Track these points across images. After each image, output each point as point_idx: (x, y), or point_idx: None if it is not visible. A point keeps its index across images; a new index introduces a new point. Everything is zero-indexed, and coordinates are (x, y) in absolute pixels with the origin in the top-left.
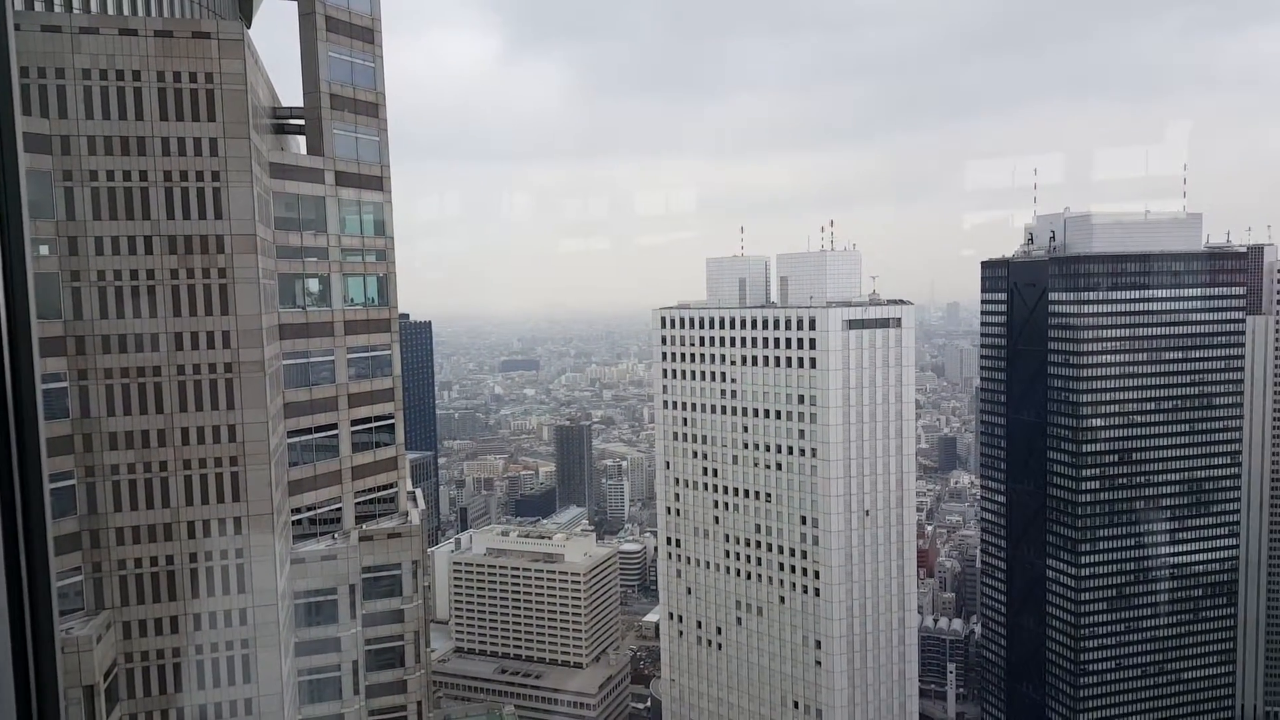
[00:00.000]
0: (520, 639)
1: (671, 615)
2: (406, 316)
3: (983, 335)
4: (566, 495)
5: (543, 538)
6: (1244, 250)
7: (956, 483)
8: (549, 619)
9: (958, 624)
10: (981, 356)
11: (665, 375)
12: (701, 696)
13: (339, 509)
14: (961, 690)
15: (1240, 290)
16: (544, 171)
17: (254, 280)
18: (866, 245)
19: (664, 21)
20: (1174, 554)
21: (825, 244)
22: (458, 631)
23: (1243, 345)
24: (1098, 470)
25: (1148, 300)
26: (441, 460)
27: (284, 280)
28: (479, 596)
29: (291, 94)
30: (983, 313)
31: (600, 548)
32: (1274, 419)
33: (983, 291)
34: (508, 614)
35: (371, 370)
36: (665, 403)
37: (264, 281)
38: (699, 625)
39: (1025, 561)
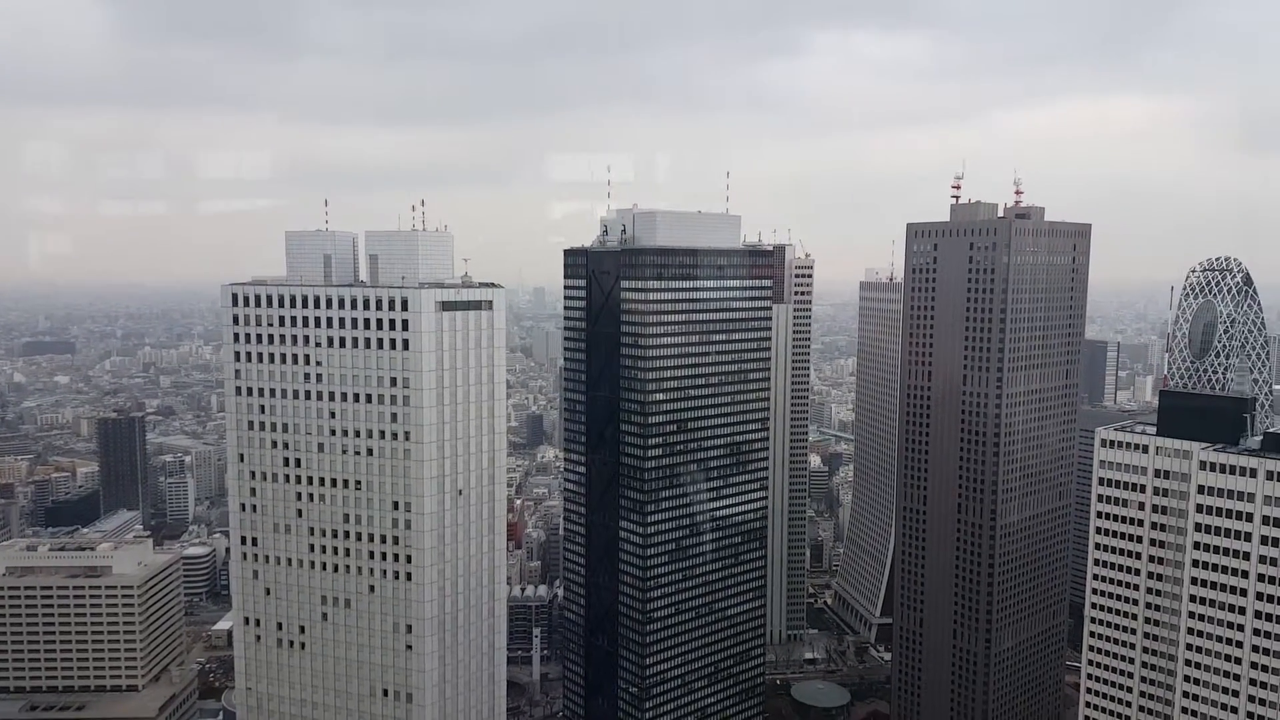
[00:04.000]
0: (57, 668)
1: (247, 620)
2: None
3: (565, 319)
4: (115, 498)
5: (83, 549)
6: (771, 249)
7: (543, 457)
8: (94, 641)
9: (543, 590)
10: (565, 338)
11: (238, 359)
12: (283, 701)
13: None
14: (546, 652)
15: (768, 282)
16: (77, 120)
17: None
18: (458, 227)
19: None
20: (719, 508)
21: (416, 224)
22: None
23: (769, 329)
24: (660, 439)
25: (699, 290)
26: None
27: None
28: None
29: None
30: (565, 298)
31: (159, 554)
32: (792, 390)
33: (565, 278)
34: (38, 642)
35: None
36: (238, 389)
37: None
38: (280, 626)
39: (601, 525)
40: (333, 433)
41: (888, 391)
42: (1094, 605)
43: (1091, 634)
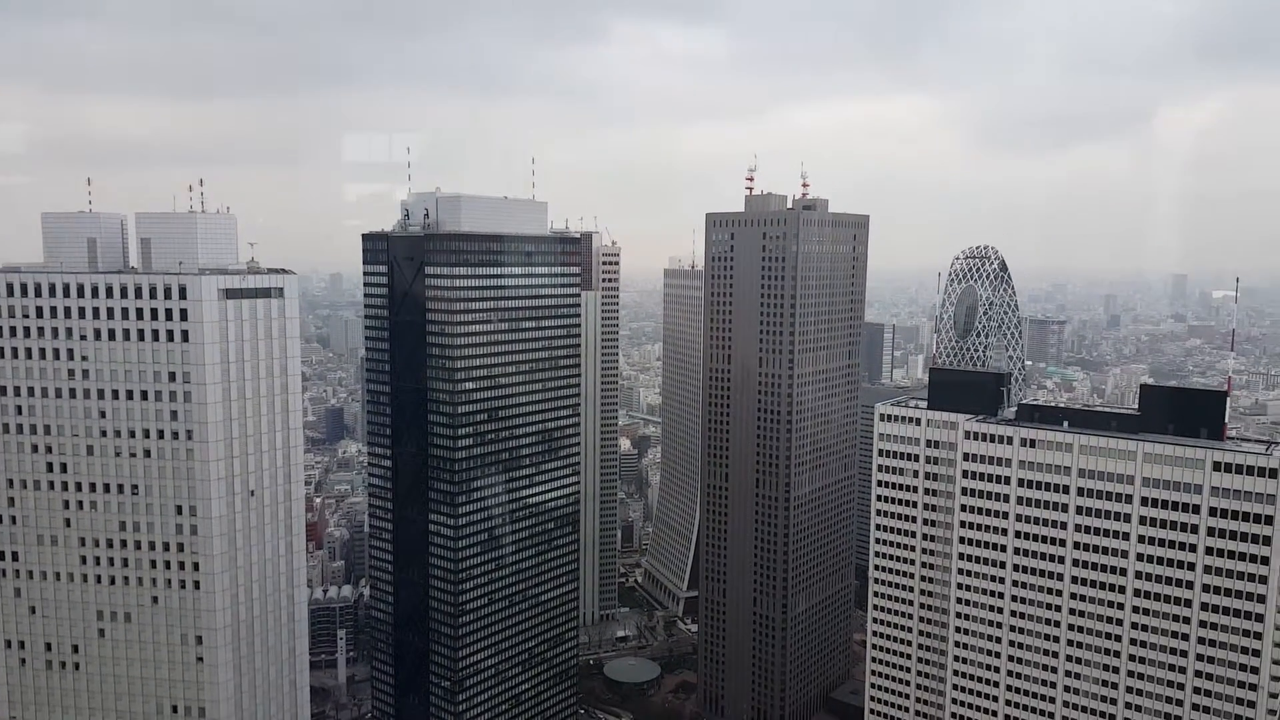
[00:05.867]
0: None
1: (9, 643)
2: None
3: (366, 306)
4: None
5: None
6: (578, 236)
7: (344, 452)
8: None
9: (348, 590)
10: (366, 327)
11: None
12: None
13: None
14: (352, 653)
15: (577, 269)
16: None
17: None
18: (242, 209)
19: None
20: (532, 495)
21: (195, 205)
22: None
23: (579, 315)
24: (471, 428)
25: (507, 276)
26: None
27: None
28: None
29: None
30: (365, 284)
31: None
32: (602, 376)
33: (364, 263)
34: None
35: None
36: None
37: None
38: (49, 647)
39: (410, 520)
40: (104, 434)
41: (692, 375)
42: (877, 567)
43: (875, 594)
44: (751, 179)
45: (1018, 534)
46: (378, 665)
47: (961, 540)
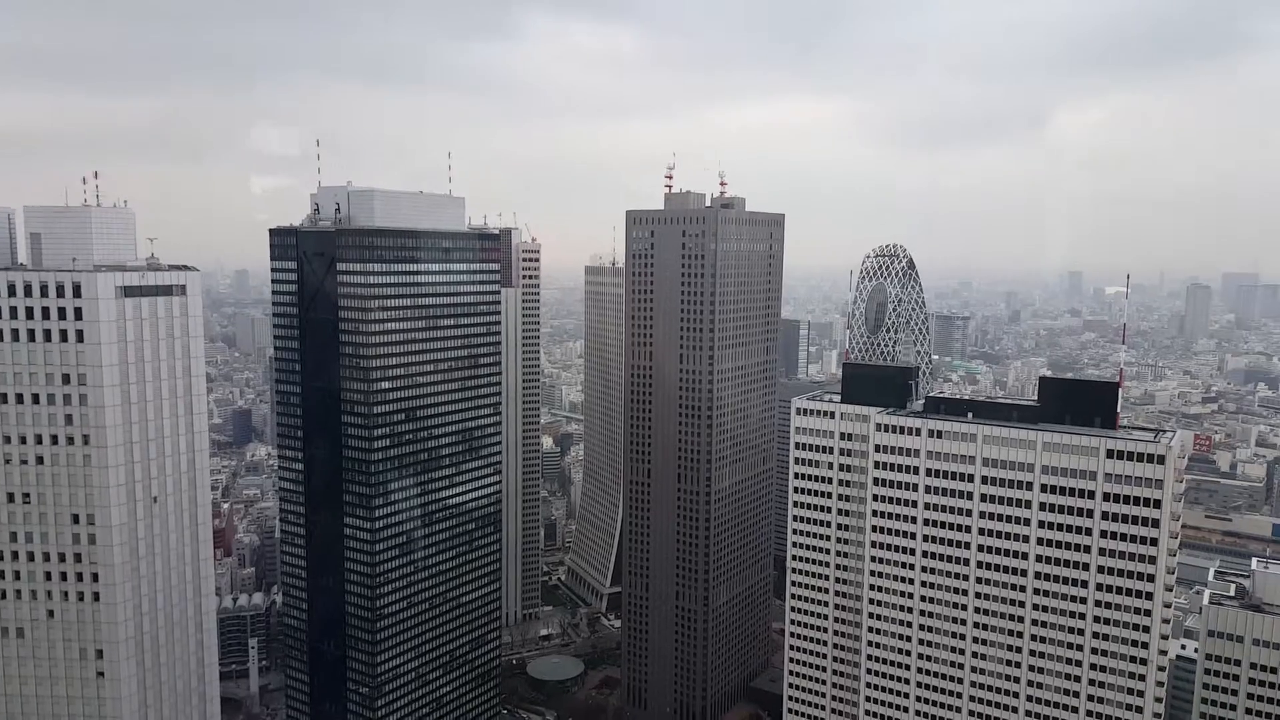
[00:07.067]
0: None
1: None
2: None
3: (274, 304)
4: None
5: None
6: (497, 232)
7: (253, 455)
8: None
9: (259, 598)
10: (274, 326)
11: None
12: None
13: None
14: (265, 663)
15: (496, 266)
16: None
17: None
18: (140, 203)
19: None
20: (452, 496)
21: (89, 198)
22: None
23: (499, 313)
24: (388, 429)
25: (425, 273)
26: None
27: None
28: None
29: None
30: (274, 281)
31: None
32: (523, 373)
33: (272, 260)
34: None
35: None
36: None
37: None
38: None
39: (324, 524)
40: None
41: (613, 372)
42: (794, 557)
43: (793, 583)
44: (670, 177)
45: (926, 521)
46: (292, 673)
47: (874, 529)
